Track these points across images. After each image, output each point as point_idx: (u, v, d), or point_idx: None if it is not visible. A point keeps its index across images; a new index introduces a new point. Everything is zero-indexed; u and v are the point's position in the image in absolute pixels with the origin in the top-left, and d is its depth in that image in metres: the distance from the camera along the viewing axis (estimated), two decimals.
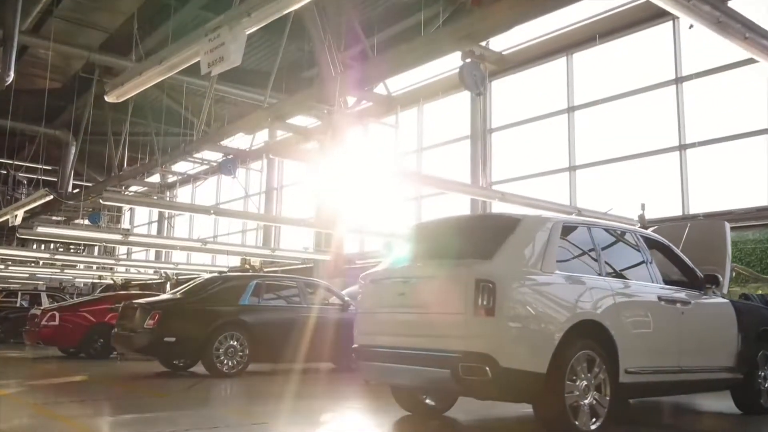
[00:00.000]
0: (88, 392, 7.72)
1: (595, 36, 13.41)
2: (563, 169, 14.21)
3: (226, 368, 9.43)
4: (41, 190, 8.83)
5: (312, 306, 10.64)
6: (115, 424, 5.32)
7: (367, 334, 5.39)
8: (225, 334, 9.50)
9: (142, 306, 9.61)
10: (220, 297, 9.86)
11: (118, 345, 9.99)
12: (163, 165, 14.67)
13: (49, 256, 16.43)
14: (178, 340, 9.21)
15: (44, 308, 14.08)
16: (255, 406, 6.53)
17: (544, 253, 4.97)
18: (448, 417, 5.98)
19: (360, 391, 8.30)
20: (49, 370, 10.52)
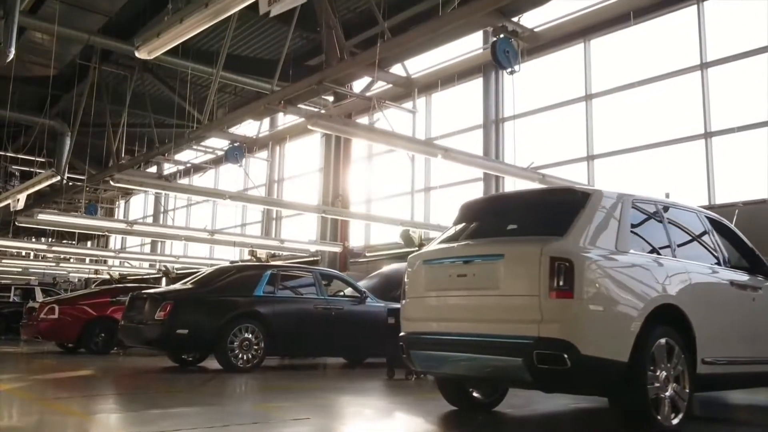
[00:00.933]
0: (99, 387, 7.20)
1: (614, 20, 12.97)
2: (581, 158, 13.78)
3: (240, 362, 8.92)
4: (47, 171, 8.24)
5: (329, 298, 10.17)
6: (143, 420, 4.82)
7: (418, 321, 4.90)
8: (240, 326, 9.00)
9: (153, 296, 9.09)
10: (234, 287, 9.35)
11: (126, 338, 9.46)
12: (165, 153, 14.12)
13: (46, 247, 15.82)
14: (190, 333, 8.69)
15: (43, 301, 13.50)
16: (286, 402, 6.04)
17: (618, 230, 4.52)
18: (497, 412, 5.51)
19: (387, 386, 7.83)
20: (50, 365, 9.97)
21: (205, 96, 22.04)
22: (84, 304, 13.00)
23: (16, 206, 9.41)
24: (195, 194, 9.30)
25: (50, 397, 6.07)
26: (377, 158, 18.84)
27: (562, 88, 14.56)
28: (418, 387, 7.88)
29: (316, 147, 20.27)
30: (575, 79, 14.24)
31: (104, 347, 12.82)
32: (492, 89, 15.59)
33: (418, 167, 17.15)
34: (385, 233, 17.81)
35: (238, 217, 23.98)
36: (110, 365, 10.19)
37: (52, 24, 13.91)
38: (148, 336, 8.79)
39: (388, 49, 9.09)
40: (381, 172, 18.78)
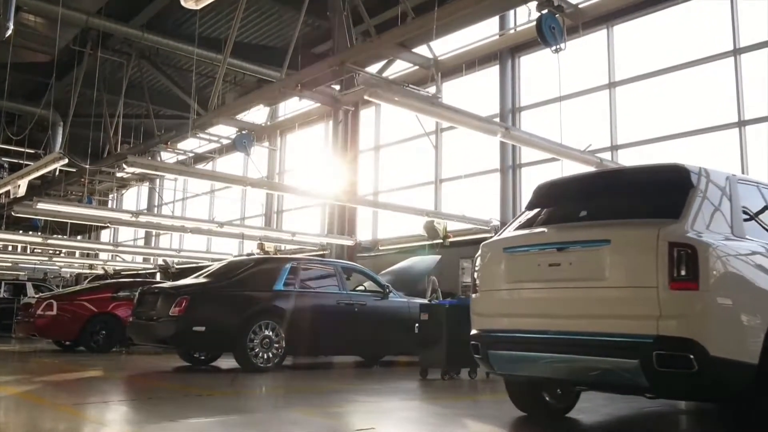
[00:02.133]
0: (115, 391, 6.55)
1: (639, 4, 12.43)
2: (604, 148, 13.23)
3: (261, 362, 8.30)
4: (55, 153, 7.53)
5: (351, 292, 9.57)
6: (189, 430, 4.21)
7: (496, 317, 4.31)
8: (260, 322, 8.37)
9: (166, 291, 8.44)
10: (253, 282, 8.71)
11: (136, 335, 8.79)
12: (168, 142, 13.43)
13: (41, 240, 15.06)
14: (208, 330, 8.04)
15: (39, 297, 12.78)
16: (333, 406, 5.44)
17: (731, 213, 3.96)
18: (572, 419, 4.95)
19: (426, 387, 7.25)
20: (53, 366, 9.29)
21: (204, 86, 21.40)
22: (84, 300, 12.31)
23: (16, 192, 8.68)
24: (217, 180, 8.64)
25: (65, 402, 5.42)
26: (384, 150, 18.24)
27: (584, 76, 14.02)
28: (460, 388, 7.32)
29: (318, 138, 19.63)
30: (598, 66, 13.69)
31: (105, 345, 12.14)
32: (508, 78, 15.02)
33: (428, 158, 16.57)
34: (393, 227, 17.24)
35: (237, 210, 23.28)
36: (116, 365, 9.53)
37: (50, 3, 13.17)
38: (162, 333, 8.13)
39: (417, 28, 8.49)
40: (388, 165, 18.18)
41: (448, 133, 16.49)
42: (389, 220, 17.74)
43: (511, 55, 15.09)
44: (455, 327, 7.93)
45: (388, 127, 18.46)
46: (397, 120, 18.17)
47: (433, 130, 12.10)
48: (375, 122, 18.58)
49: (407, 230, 16.29)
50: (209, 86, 20.76)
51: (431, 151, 16.63)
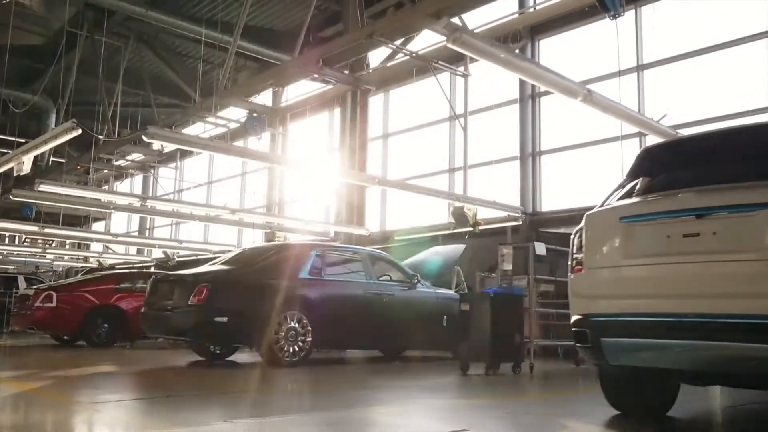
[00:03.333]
0: (139, 388, 5.86)
1: None
2: (632, 134, 12.64)
3: (286, 356, 7.62)
4: (68, 122, 6.79)
5: (379, 282, 8.91)
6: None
7: (612, 299, 3.66)
8: (285, 313, 7.70)
9: (184, 279, 7.75)
10: (277, 269, 8.03)
11: (150, 327, 8.07)
12: (173, 126, 12.70)
13: (38, 229, 14.25)
14: (230, 321, 7.35)
15: (38, 288, 12.01)
16: (392, 405, 4.80)
17: None
18: (673, 417, 4.33)
19: (476, 383, 6.63)
20: (56, 360, 8.57)
21: (203, 72, 20.63)
22: (85, 292, 11.57)
23: (20, 170, 7.90)
24: (247, 157, 7.89)
25: (86, 400, 4.73)
26: (392, 139, 17.59)
27: (608, 59, 13.42)
28: (517, 384, 6.70)
29: (322, 126, 18.92)
30: (624, 49, 13.09)
31: (108, 339, 11.40)
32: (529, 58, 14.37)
33: (442, 146, 15.96)
34: (403, 217, 16.61)
35: (234, 202, 22.49)
36: (125, 360, 8.82)
37: None
38: (180, 325, 7.43)
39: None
40: (397, 154, 17.51)
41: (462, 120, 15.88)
42: (398, 211, 17.13)
43: (532, 37, 14.47)
44: (500, 318, 7.35)
45: (396, 115, 17.83)
46: (406, 108, 17.64)
47: (462, 113, 11.37)
48: (383, 110, 17.91)
49: (419, 220, 15.70)
50: (208, 73, 20.07)
51: (445, 138, 16.05)
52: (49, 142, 7.28)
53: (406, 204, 17.12)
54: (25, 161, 7.84)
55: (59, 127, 7.02)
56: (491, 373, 7.26)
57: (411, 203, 16.89)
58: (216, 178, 23.82)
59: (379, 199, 17.31)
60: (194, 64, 20.73)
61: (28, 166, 7.89)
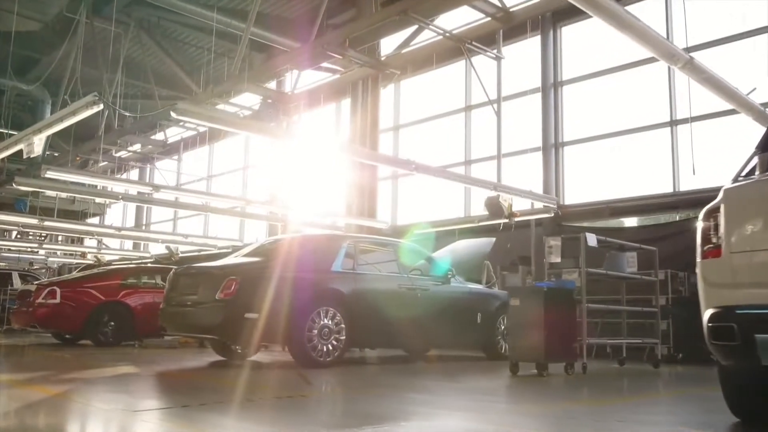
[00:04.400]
0: (177, 392, 5.25)
1: None
2: (663, 123, 12.14)
3: (320, 355, 7.04)
4: (89, 96, 6.11)
5: (413, 276, 8.34)
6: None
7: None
8: (319, 309, 7.11)
9: (211, 271, 7.14)
10: (309, 261, 7.44)
11: (171, 324, 7.43)
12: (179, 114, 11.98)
13: (38, 222, 13.53)
14: (262, 317, 6.75)
15: (40, 283, 11.35)
16: (474, 412, 4.22)
17: None
18: None
19: (538, 385, 6.07)
20: (66, 361, 7.91)
21: (201, 64, 19.95)
22: (90, 287, 10.91)
23: (30, 152, 7.21)
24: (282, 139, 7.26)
25: (130, 408, 4.13)
26: (404, 130, 17.01)
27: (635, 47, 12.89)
28: (584, 387, 6.15)
29: (330, 117, 18.29)
30: None
31: (114, 338, 10.76)
32: (550, 48, 13.86)
33: (456, 136, 15.41)
34: (414, 211, 16.06)
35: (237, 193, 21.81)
36: (140, 360, 8.18)
37: None
38: (206, 322, 6.81)
39: None
40: (408, 145, 16.94)
41: (478, 111, 15.35)
42: (409, 204, 16.56)
43: (553, 23, 13.92)
44: (553, 314, 6.80)
45: (406, 106, 17.25)
46: (417, 98, 17.06)
47: (495, 99, 10.80)
48: (394, 101, 17.33)
49: (432, 214, 15.15)
50: (211, 63, 19.39)
51: (461, 129, 15.50)
52: (67, 119, 6.59)
53: (419, 197, 16.64)
54: (36, 142, 7.14)
55: (79, 102, 6.35)
56: (545, 374, 6.71)
57: (424, 196, 16.40)
58: (215, 172, 23.13)
59: (390, 191, 16.76)
60: (196, 53, 20.08)
61: (39, 147, 7.21)
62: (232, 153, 21.95)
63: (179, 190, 12.31)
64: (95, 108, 6.23)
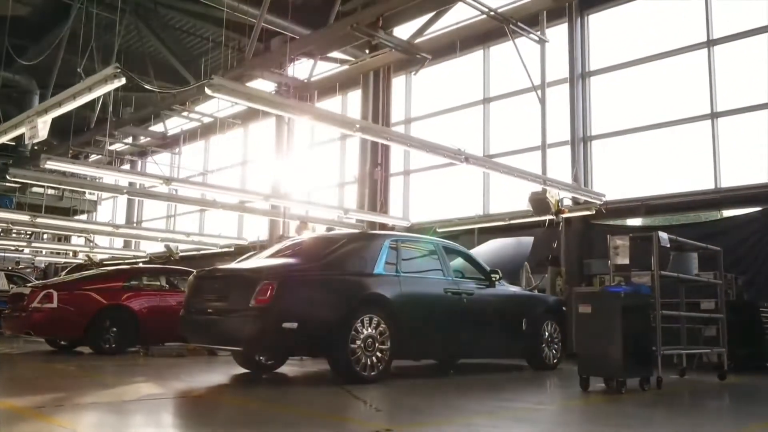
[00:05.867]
0: (235, 419, 4.40)
1: None
2: (701, 116, 11.43)
3: (364, 369, 6.21)
4: (109, 68, 5.19)
5: (458, 279, 7.54)
6: None
7: None
8: (362, 317, 6.28)
9: (242, 275, 6.27)
10: (349, 263, 6.60)
11: (195, 334, 6.55)
12: (186, 102, 11.12)
13: (30, 219, 12.52)
14: (301, 327, 5.90)
15: (34, 286, 10.41)
16: None
17: None
18: None
19: (637, 404, 5.30)
20: (72, 375, 7.01)
21: (200, 53, 18.99)
22: (90, 290, 9.97)
23: (34, 136, 6.27)
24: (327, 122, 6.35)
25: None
26: (415, 125, 16.20)
27: (669, 34, 12.22)
28: (668, 404, 5.40)
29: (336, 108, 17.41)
30: (691, 24, 11.88)
31: (118, 345, 9.84)
32: (577, 37, 13.13)
33: (474, 130, 14.64)
34: (427, 208, 15.28)
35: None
36: (153, 372, 7.29)
37: None
38: (237, 332, 5.94)
39: None
40: None
41: (496, 104, 14.60)
42: (421, 200, 15.77)
43: (581, 11, 13.18)
44: (630, 323, 6.04)
45: (418, 100, 16.45)
46: (429, 92, 16.27)
47: (539, 84, 10.02)
48: (405, 94, 16.53)
49: (445, 212, 14.39)
50: (208, 53, 18.44)
51: (479, 121, 14.72)
52: (80, 96, 5.66)
53: (430, 193, 15.85)
54: (41, 125, 6.18)
55: (97, 75, 5.42)
56: (624, 390, 5.93)
57: (437, 193, 15.62)
58: (211, 167, 22.13)
59: (402, 187, 15.95)
60: (193, 42, 19.11)
61: (44, 131, 6.25)
62: (228, 148, 20.97)
63: (191, 183, 11.36)
64: (116, 82, 5.32)
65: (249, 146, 20.28)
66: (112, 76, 5.30)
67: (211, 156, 22.14)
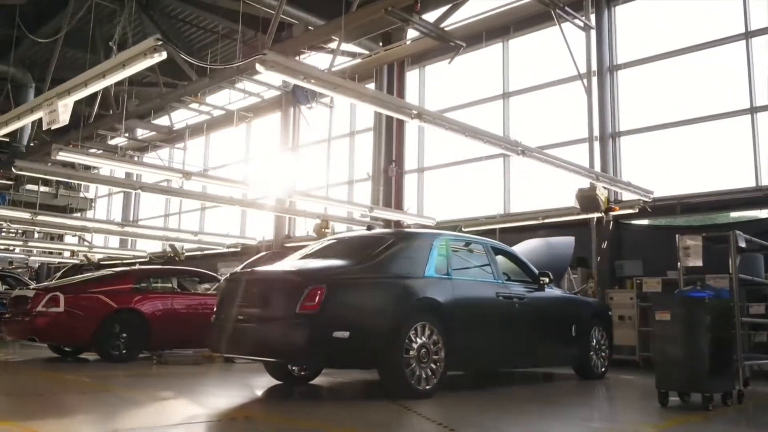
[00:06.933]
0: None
1: None
2: (741, 111, 10.92)
3: (419, 383, 5.61)
4: (150, 39, 4.52)
5: (508, 283, 6.96)
6: None
7: None
8: (416, 325, 5.68)
9: (286, 278, 5.63)
10: (399, 265, 5.99)
11: (228, 345, 5.86)
12: (198, 94, 10.44)
13: (30, 216, 11.77)
14: (353, 335, 5.29)
15: (38, 288, 9.71)
16: None
17: None
18: None
19: (731, 424, 4.73)
20: (89, 390, 6.36)
21: (201, 47, 18.30)
22: (98, 293, 9.29)
23: (53, 121, 5.56)
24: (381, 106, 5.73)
25: None
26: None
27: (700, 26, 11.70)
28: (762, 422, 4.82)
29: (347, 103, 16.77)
30: (723, 12, 11.37)
31: (128, 351, 9.18)
32: (605, 29, 12.59)
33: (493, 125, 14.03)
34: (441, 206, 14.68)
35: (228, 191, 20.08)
36: (178, 384, 6.65)
37: None
38: (283, 343, 5.29)
39: None
40: (433, 137, 15.52)
41: (516, 98, 14.04)
42: (435, 197, 15.17)
43: (607, 2, 12.65)
44: (715, 331, 5.48)
45: (432, 93, 15.86)
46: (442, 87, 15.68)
47: (584, 72, 9.46)
48: (418, 88, 15.92)
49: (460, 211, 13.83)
50: (209, 47, 17.74)
51: (497, 116, 14.14)
52: (112, 74, 4.92)
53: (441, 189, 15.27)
54: (61, 108, 5.47)
55: (134, 48, 4.72)
56: (709, 407, 5.37)
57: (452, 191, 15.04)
58: (212, 164, 21.37)
59: (416, 184, 15.35)
60: (195, 35, 18.41)
61: (66, 115, 5.55)
62: (230, 144, 20.23)
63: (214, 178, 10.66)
64: (156, 56, 4.63)
65: (252, 142, 19.58)
66: (152, 49, 4.61)
67: (214, 152, 21.41)
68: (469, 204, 14.17)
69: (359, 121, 16.44)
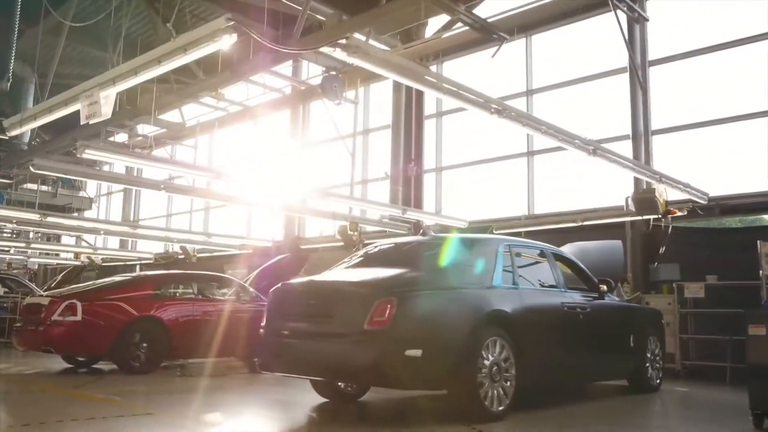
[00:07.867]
0: None
1: None
2: None
3: (491, 403, 5.13)
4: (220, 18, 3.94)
5: (571, 292, 6.49)
6: None
7: None
8: (487, 340, 5.19)
9: (352, 290, 5.11)
10: (466, 274, 5.51)
11: (282, 362, 5.29)
12: (217, 89, 9.91)
13: (39, 218, 11.13)
14: (425, 354, 4.79)
15: (52, 295, 9.14)
16: None
17: None
18: None
19: None
20: (127, 413, 5.82)
21: None
22: (117, 300, 8.74)
23: (93, 114, 4.99)
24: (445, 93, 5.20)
25: None
26: (447, 118, 15.10)
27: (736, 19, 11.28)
28: None
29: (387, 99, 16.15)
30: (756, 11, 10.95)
31: (149, 363, 8.64)
32: (636, 23, 12.12)
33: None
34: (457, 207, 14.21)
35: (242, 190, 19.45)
36: (216, 400, 6.13)
37: None
38: (349, 362, 4.76)
39: None
40: (452, 134, 15.05)
41: (540, 96, 13.57)
42: (453, 199, 14.69)
43: None
44: None
45: None
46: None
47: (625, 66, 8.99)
48: None
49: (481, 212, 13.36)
50: None
51: None
52: (169, 59, 4.35)
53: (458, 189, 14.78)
54: (103, 100, 4.89)
55: (200, 30, 4.14)
56: None
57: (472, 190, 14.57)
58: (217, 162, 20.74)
59: (434, 184, 14.85)
60: (194, 22, 17.76)
61: (108, 108, 4.98)
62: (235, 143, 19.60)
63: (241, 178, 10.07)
64: (225, 38, 4.03)
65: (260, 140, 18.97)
66: (223, 30, 4.04)
67: (218, 150, 20.81)
68: (487, 204, 13.70)
69: (372, 120, 15.94)
